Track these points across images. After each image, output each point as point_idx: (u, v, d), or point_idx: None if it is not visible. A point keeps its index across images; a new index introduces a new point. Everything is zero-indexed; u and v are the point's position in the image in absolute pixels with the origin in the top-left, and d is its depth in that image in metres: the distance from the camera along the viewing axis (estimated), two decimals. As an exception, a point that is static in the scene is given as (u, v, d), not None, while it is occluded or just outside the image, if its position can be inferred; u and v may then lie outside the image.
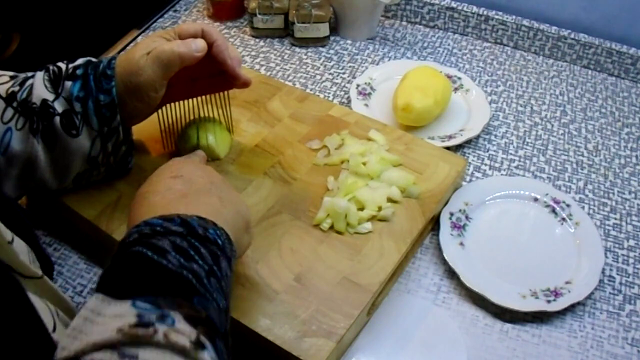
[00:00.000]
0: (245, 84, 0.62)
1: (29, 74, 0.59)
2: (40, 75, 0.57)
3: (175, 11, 1.04)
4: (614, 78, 0.92)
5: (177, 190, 0.46)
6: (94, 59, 0.59)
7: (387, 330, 0.57)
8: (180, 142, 0.67)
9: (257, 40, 0.97)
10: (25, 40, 0.81)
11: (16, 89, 0.56)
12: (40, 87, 0.56)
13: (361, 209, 0.61)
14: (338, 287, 0.55)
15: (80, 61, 0.58)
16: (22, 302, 0.36)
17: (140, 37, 0.97)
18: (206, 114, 0.68)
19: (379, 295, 0.57)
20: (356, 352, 0.55)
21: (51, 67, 0.58)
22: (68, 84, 0.56)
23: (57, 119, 0.56)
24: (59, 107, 0.56)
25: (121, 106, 0.57)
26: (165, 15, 1.03)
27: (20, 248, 0.43)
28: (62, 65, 0.58)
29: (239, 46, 0.96)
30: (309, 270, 0.56)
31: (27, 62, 0.81)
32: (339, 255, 0.58)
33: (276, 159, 0.68)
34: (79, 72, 0.57)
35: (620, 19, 0.91)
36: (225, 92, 0.67)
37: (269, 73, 0.90)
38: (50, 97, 0.56)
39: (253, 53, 0.94)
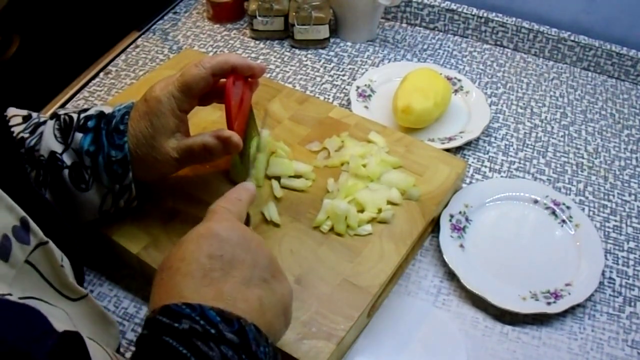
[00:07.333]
0: (262, 69, 0.59)
1: (42, 117, 0.58)
2: (50, 123, 0.56)
3: (175, 13, 1.04)
4: (614, 80, 0.92)
5: (212, 276, 0.40)
6: (106, 111, 0.56)
7: (387, 332, 0.57)
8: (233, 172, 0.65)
9: (257, 42, 0.97)
10: (26, 42, 0.81)
11: (26, 135, 0.56)
12: (49, 137, 0.55)
13: (361, 211, 0.61)
14: (338, 289, 0.55)
15: (92, 111, 0.56)
16: None
17: (140, 39, 0.97)
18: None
19: (379, 297, 0.57)
20: (356, 354, 0.55)
21: (62, 116, 0.56)
22: (78, 136, 0.54)
23: (66, 172, 0.54)
24: (67, 159, 0.54)
25: (136, 163, 0.55)
26: (165, 17, 1.03)
27: (68, 268, 0.41)
28: (74, 114, 0.56)
29: (239, 48, 0.96)
30: (309, 272, 0.56)
31: (28, 64, 0.82)
32: (338, 257, 0.58)
33: (276, 161, 0.68)
34: (90, 124, 0.55)
35: (620, 21, 0.91)
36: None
37: (268, 75, 0.90)
38: (59, 148, 0.54)
39: (253, 55, 0.94)
